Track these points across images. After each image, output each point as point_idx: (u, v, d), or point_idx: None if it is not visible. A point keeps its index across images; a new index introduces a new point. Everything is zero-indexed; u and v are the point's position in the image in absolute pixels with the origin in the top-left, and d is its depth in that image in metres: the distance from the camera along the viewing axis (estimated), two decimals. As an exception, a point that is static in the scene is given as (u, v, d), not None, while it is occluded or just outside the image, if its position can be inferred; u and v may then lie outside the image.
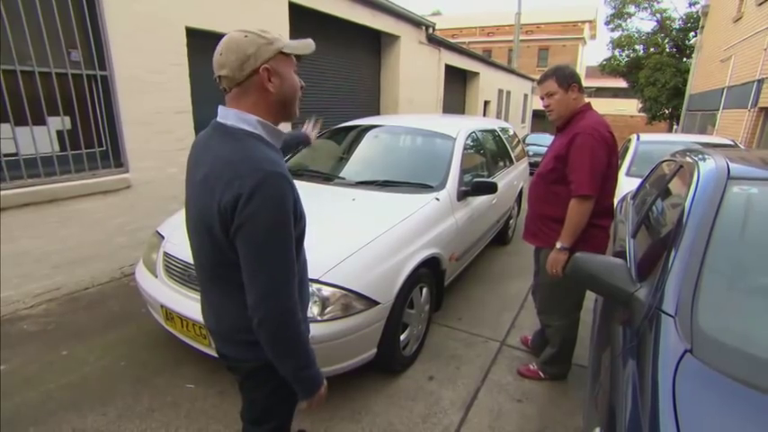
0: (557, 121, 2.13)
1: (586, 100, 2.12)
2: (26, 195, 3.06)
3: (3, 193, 2.94)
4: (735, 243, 1.37)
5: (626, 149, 5.96)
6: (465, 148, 3.33)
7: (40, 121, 3.13)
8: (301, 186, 2.94)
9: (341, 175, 3.17)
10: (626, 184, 4.77)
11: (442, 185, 2.86)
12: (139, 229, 3.70)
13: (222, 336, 1.19)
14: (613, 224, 2.32)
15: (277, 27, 5.13)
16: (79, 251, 3.39)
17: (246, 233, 0.94)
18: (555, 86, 2.04)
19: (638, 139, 5.66)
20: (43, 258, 3.22)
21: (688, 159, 2.13)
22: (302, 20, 5.58)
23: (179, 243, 2.30)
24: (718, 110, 11.21)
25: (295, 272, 1.00)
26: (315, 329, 1.91)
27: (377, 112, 8.30)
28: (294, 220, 0.99)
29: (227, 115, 1.03)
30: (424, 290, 2.55)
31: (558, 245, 2.03)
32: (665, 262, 1.34)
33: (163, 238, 2.51)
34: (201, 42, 4.04)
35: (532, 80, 19.49)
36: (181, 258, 2.22)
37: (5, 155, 2.98)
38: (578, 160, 1.94)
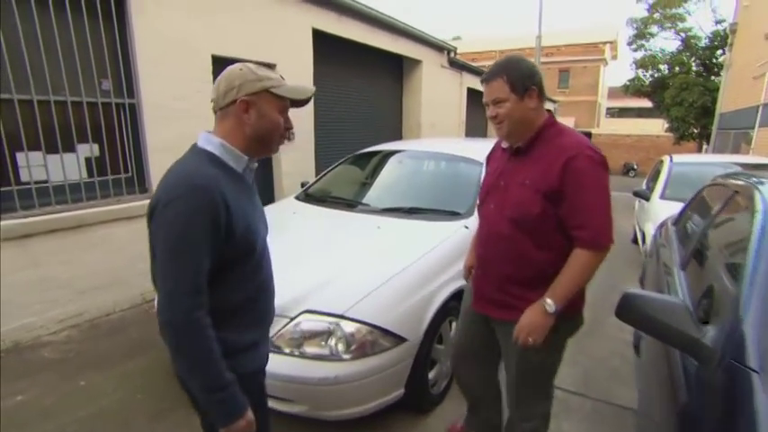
0: (510, 139, 1.51)
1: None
2: (53, 222, 3.08)
3: (31, 219, 2.97)
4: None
5: (657, 172, 5.73)
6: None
7: (70, 148, 3.19)
8: (324, 213, 2.94)
9: (364, 201, 3.10)
10: (662, 209, 4.55)
11: (470, 212, 2.74)
12: (162, 255, 3.68)
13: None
14: (643, 253, 2.12)
15: (301, 53, 5.21)
16: (102, 277, 3.38)
17: (157, 237, 1.01)
18: (505, 90, 1.41)
19: (671, 160, 5.44)
20: (67, 284, 3.22)
21: (742, 183, 1.96)
22: (325, 46, 5.65)
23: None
24: (753, 128, 10.80)
25: (199, 286, 1.00)
26: (339, 368, 1.80)
27: (399, 137, 8.29)
28: (224, 237, 1.02)
29: (201, 137, 1.12)
30: (454, 323, 2.41)
31: (550, 306, 1.41)
32: (735, 302, 1.19)
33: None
34: (224, 69, 4.08)
35: (554, 101, 19.34)
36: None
37: (36, 182, 3.03)
38: (591, 196, 1.37)
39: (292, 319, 1.89)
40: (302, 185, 3.75)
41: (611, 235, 1.41)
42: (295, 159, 5.32)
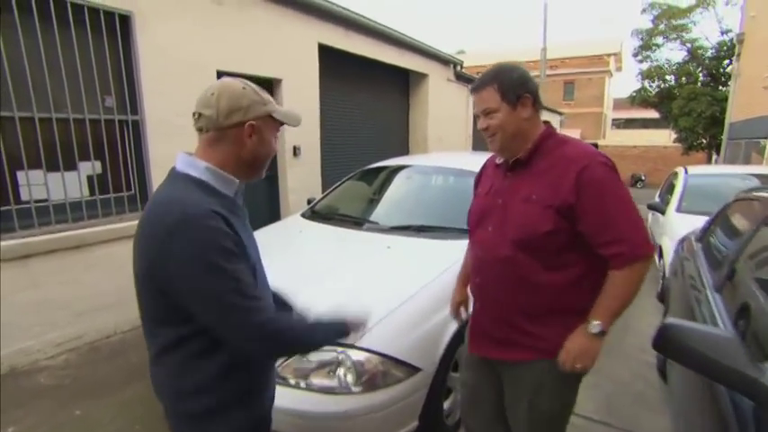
0: (505, 153, 1.37)
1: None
2: (53, 241, 3.00)
3: (30, 239, 2.89)
4: None
5: (671, 184, 5.58)
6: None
7: (71, 166, 3.12)
8: (331, 232, 2.82)
9: (373, 219, 2.98)
10: (679, 222, 4.40)
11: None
12: (165, 275, 3.59)
13: (167, 408, 1.07)
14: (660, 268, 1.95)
15: (307, 68, 5.17)
16: (103, 298, 3.28)
17: (182, 290, 0.90)
18: (496, 100, 1.29)
19: (686, 172, 5.29)
20: (67, 305, 3.12)
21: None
22: (331, 60, 5.62)
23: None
24: (765, 138, 10.63)
25: (252, 301, 0.93)
26: (348, 403, 1.67)
27: (406, 151, 8.22)
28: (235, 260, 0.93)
29: (181, 160, 1.01)
30: (469, 348, 2.27)
31: (594, 326, 1.26)
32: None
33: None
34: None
35: (560, 114, 19.27)
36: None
37: (36, 201, 2.95)
38: (616, 206, 1.23)
39: (298, 348, 1.76)
40: (308, 202, 3.66)
41: (650, 241, 1.28)
42: (301, 175, 5.24)
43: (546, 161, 1.30)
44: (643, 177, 21.19)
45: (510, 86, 1.28)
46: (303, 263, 2.39)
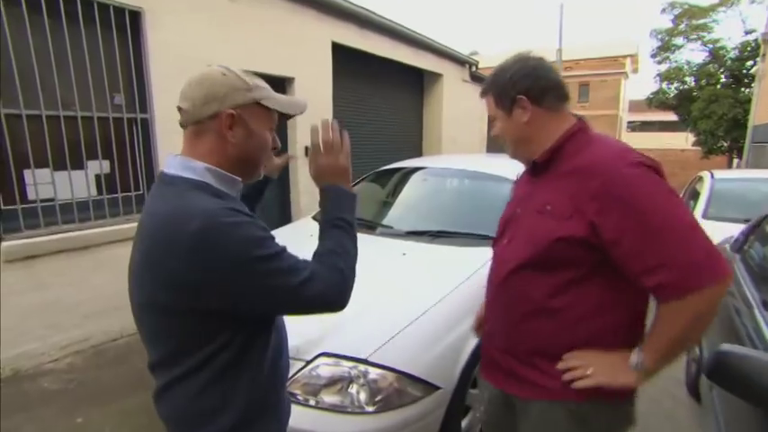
0: (518, 158, 1.21)
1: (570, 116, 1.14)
2: (59, 242, 2.93)
3: (36, 240, 2.82)
4: None
5: (695, 189, 5.36)
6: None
7: (78, 165, 3.05)
8: None
9: (387, 223, 2.86)
10: (706, 230, 4.20)
11: (504, 236, 2.48)
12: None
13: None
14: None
15: (320, 67, 5.07)
16: (109, 300, 3.20)
17: (237, 299, 0.80)
18: (492, 108, 1.16)
19: (712, 177, 5.07)
20: (73, 308, 3.05)
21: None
22: (345, 59, 5.51)
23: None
24: (791, 143, 10.27)
25: (307, 271, 0.85)
26: (362, 423, 1.55)
27: (419, 152, 8.08)
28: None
29: (172, 163, 0.88)
30: (488, 363, 2.13)
31: (635, 356, 0.99)
32: None
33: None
34: (244, 83, 3.98)
35: (575, 116, 18.92)
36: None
37: (42, 200, 2.89)
38: (660, 219, 0.91)
39: (308, 363, 1.65)
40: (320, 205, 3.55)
41: (718, 262, 0.89)
42: (312, 176, 5.14)
43: (569, 164, 1.05)
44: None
45: (502, 91, 1.12)
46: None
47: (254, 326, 0.88)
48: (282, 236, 2.98)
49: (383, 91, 6.76)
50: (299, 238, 2.83)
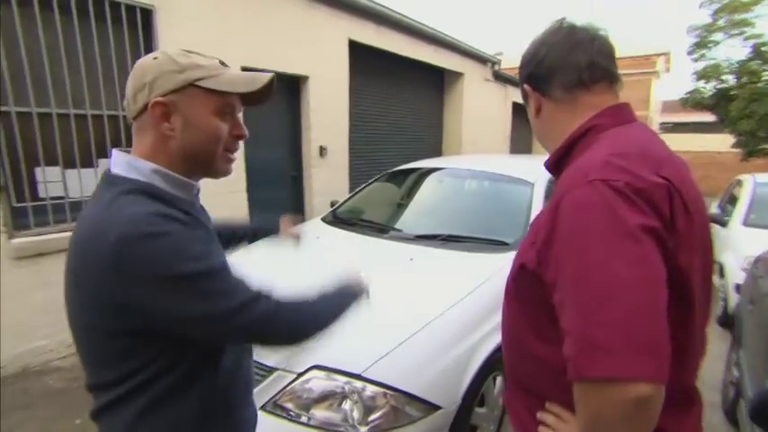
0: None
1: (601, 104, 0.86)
2: (68, 240, 2.92)
3: (45, 237, 2.83)
4: None
5: (732, 196, 5.01)
6: (547, 197, 2.77)
7: (89, 163, 3.05)
8: (351, 239, 2.56)
9: (397, 226, 2.73)
10: (746, 237, 3.89)
11: (519, 242, 2.31)
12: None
13: None
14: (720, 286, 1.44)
15: (336, 65, 4.99)
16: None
17: (161, 314, 0.69)
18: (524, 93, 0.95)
19: (754, 180, 4.72)
20: (82, 306, 3.05)
21: None
22: (362, 57, 5.42)
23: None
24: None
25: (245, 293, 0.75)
26: (353, 445, 1.42)
27: (439, 153, 7.92)
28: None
29: (117, 162, 0.77)
30: (498, 379, 1.97)
31: None
32: None
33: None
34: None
35: (613, 106, 18.31)
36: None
37: (52, 198, 2.89)
38: (577, 273, 0.66)
39: (299, 376, 1.53)
40: (331, 205, 3.45)
41: (629, 351, 0.59)
42: (327, 177, 5.06)
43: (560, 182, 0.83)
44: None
45: (520, 80, 0.94)
46: (313, 275, 2.16)
47: (200, 348, 0.77)
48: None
49: (402, 90, 6.63)
50: (305, 240, 2.75)
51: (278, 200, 4.72)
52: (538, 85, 0.88)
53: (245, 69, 3.64)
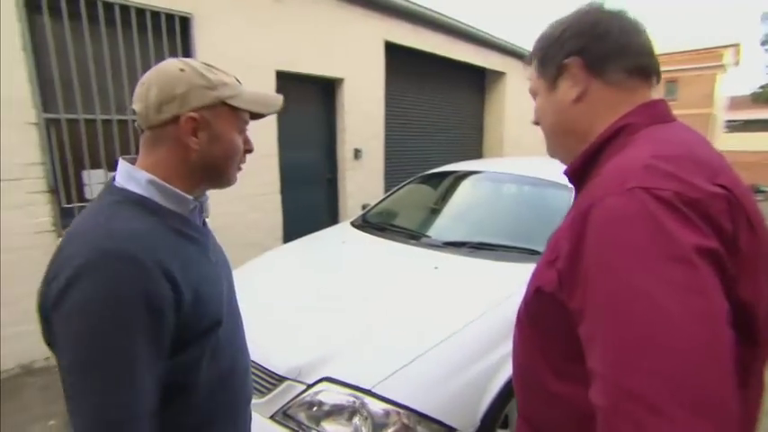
0: (556, 157, 0.88)
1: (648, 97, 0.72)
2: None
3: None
4: None
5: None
6: (586, 201, 2.58)
7: (130, 166, 3.19)
8: (377, 245, 2.48)
9: (425, 232, 2.64)
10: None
11: (553, 251, 2.16)
12: (215, 277, 3.58)
13: None
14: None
15: (371, 67, 4.96)
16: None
17: (61, 343, 0.64)
18: (534, 77, 0.81)
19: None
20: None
21: None
22: (398, 57, 5.36)
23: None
24: None
25: (137, 411, 0.64)
26: (361, 465, 1.36)
27: (480, 155, 7.72)
28: (172, 330, 0.68)
29: (120, 171, 0.78)
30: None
31: None
32: None
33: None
34: (289, 84, 3.97)
35: (652, 102, 17.22)
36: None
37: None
38: (609, 302, 0.52)
39: (310, 387, 1.49)
40: (363, 208, 3.41)
41: (673, 421, 0.45)
42: (362, 179, 5.04)
43: (587, 188, 0.68)
44: (763, 188, 18.17)
45: (547, 53, 0.75)
46: (332, 282, 2.13)
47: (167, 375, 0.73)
48: (312, 243, 2.87)
49: (440, 91, 6.51)
50: (327, 246, 2.73)
51: (312, 202, 4.76)
52: (593, 64, 0.71)
53: (279, 73, 3.68)
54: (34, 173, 2.74)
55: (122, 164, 0.79)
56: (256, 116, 0.89)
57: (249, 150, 0.87)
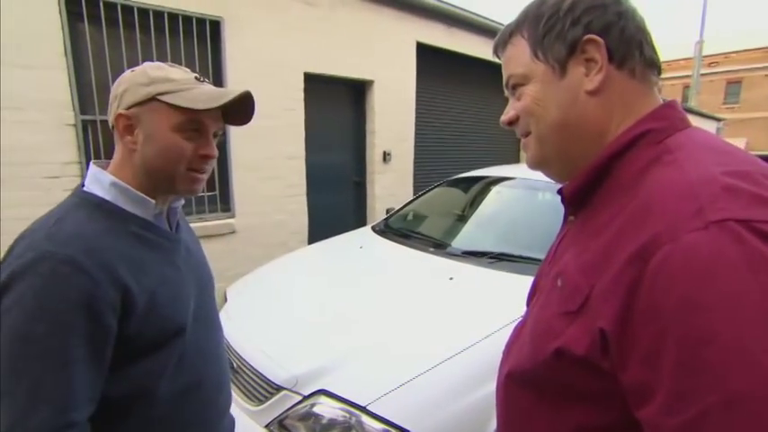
0: (545, 169, 0.67)
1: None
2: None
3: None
4: None
5: None
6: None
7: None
8: (394, 252, 2.39)
9: (446, 240, 2.52)
10: None
11: (580, 265, 2.00)
12: (238, 276, 3.60)
13: None
14: None
15: (403, 69, 4.90)
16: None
17: None
18: (523, 59, 0.61)
19: None
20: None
21: None
22: (429, 59, 5.26)
23: (234, 317, 1.92)
24: None
25: (67, 417, 0.62)
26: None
27: (516, 159, 7.46)
28: (118, 335, 0.67)
29: (89, 174, 0.78)
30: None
31: None
32: None
33: (226, 301, 2.21)
34: (317, 87, 3.98)
35: (718, 119, 16.09)
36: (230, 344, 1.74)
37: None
38: (705, 385, 0.38)
39: (305, 398, 1.44)
40: (387, 212, 3.35)
41: None
42: (390, 183, 4.98)
43: (620, 197, 0.53)
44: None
45: (551, 28, 0.58)
46: (341, 289, 2.07)
47: (122, 384, 0.70)
48: (330, 247, 2.83)
49: (474, 92, 6.34)
50: (344, 252, 2.67)
51: (339, 205, 4.74)
52: (618, 48, 0.56)
53: (308, 75, 3.66)
54: (71, 171, 2.87)
55: (92, 167, 0.79)
56: (234, 120, 0.88)
57: (205, 156, 0.80)
